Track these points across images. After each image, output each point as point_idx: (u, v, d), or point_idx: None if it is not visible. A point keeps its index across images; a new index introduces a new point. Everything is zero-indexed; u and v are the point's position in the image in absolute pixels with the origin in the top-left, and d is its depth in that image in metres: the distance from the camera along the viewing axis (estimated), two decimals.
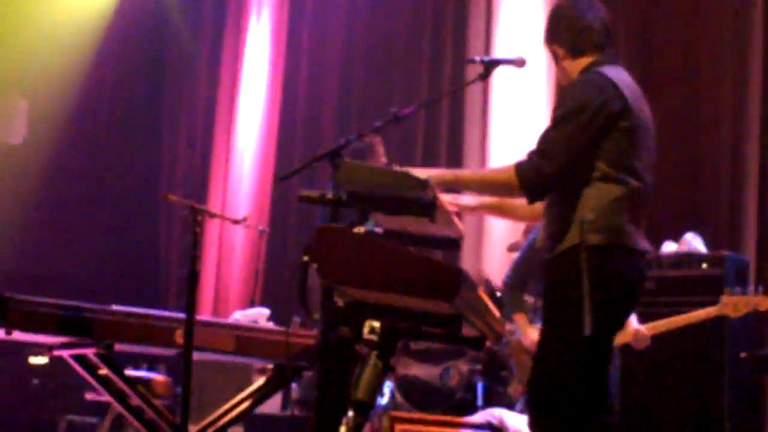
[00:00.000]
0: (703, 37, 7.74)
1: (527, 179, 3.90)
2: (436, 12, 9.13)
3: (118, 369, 5.37)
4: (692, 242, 6.82)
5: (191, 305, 5.25)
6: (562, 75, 4.19)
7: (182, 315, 5.27)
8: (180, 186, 10.38)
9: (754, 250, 7.13)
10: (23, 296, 5.02)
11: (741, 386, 6.41)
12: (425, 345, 7.00)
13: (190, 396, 5.21)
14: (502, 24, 8.46)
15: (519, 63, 4.24)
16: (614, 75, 3.98)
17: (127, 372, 5.72)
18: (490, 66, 4.25)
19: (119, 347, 5.25)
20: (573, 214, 3.89)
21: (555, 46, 4.17)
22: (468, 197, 4.30)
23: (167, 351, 5.77)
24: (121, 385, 5.41)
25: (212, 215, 5.84)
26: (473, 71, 4.35)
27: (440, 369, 6.97)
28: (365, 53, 9.48)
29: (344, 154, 3.85)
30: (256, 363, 6.69)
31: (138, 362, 7.83)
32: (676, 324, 5.90)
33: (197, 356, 5.34)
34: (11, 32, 9.81)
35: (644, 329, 5.77)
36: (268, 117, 9.91)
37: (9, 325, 4.96)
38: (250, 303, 8.47)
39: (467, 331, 3.80)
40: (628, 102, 3.92)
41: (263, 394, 5.88)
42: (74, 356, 5.34)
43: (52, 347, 5.37)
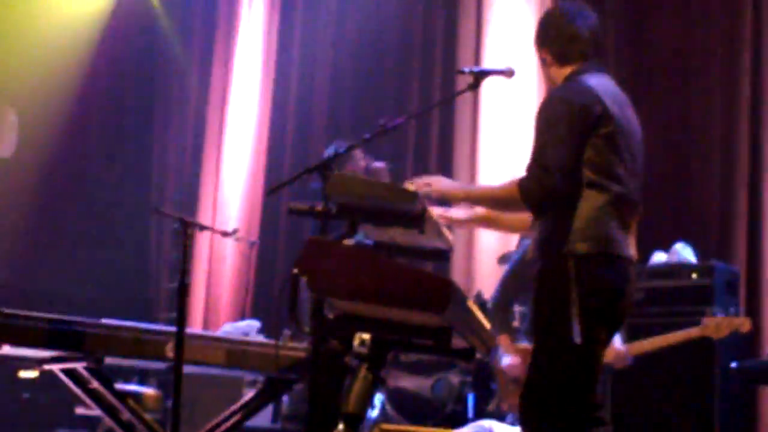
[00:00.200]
0: (693, 44, 7.76)
1: (529, 193, 3.92)
2: (426, 22, 9.14)
3: (109, 383, 5.35)
4: (682, 252, 6.82)
5: (181, 318, 5.23)
6: (549, 80, 4.32)
7: (172, 328, 5.25)
8: (170, 199, 10.36)
9: (744, 261, 7.13)
10: (13, 310, 5.00)
11: (732, 397, 6.41)
12: (416, 357, 6.99)
13: (181, 409, 5.19)
14: (492, 34, 8.47)
15: (508, 74, 4.27)
16: (595, 82, 4.01)
17: (118, 386, 5.70)
18: (480, 77, 4.27)
19: (109, 361, 5.23)
20: (561, 223, 3.90)
21: (543, 52, 4.24)
22: (458, 210, 4.30)
23: (158, 364, 5.75)
24: (112, 399, 5.39)
25: (202, 228, 5.81)
26: (463, 81, 4.37)
27: (431, 381, 6.96)
28: (355, 65, 9.48)
29: (324, 162, 3.85)
30: (247, 376, 6.67)
31: (128, 376, 7.81)
32: (658, 345, 5.88)
33: (188, 369, 5.32)
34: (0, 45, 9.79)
35: (625, 350, 5.74)
36: (258, 129, 9.90)
37: None
38: (241, 316, 8.45)
39: (457, 343, 3.80)
40: (608, 108, 3.94)
41: (254, 407, 5.86)
42: (64, 370, 5.32)
43: (42, 361, 5.34)
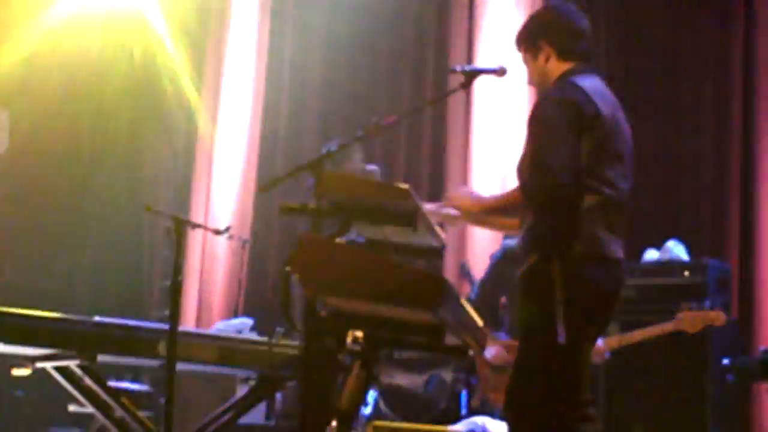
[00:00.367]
0: (685, 44, 7.78)
1: (532, 197, 3.91)
2: (419, 20, 9.15)
3: (101, 380, 5.36)
4: (674, 250, 6.83)
5: (174, 316, 5.23)
6: (537, 76, 4.17)
7: (165, 326, 5.26)
8: (162, 197, 10.34)
9: (737, 258, 7.14)
10: (5, 308, 5.01)
11: (724, 394, 6.42)
12: (409, 354, 7.00)
13: (174, 407, 5.19)
14: (484, 34, 8.47)
15: (500, 72, 4.26)
16: (588, 84, 3.99)
17: (110, 383, 5.71)
18: (472, 75, 4.26)
19: (102, 359, 5.24)
20: (552, 223, 3.89)
21: (543, 43, 4.13)
22: (450, 208, 4.30)
23: (150, 362, 5.76)
24: (105, 397, 5.40)
25: (195, 226, 5.82)
26: (455, 80, 4.36)
27: (424, 378, 6.97)
28: (348, 63, 9.48)
29: (316, 160, 3.85)
30: (240, 373, 6.67)
31: (121, 373, 7.80)
32: (634, 339, 5.89)
33: (180, 367, 5.33)
34: None
35: (601, 344, 5.75)
36: (251, 126, 9.89)
37: None
38: (233, 313, 8.45)
39: (450, 340, 3.80)
40: (600, 109, 3.92)
41: (247, 405, 5.87)
42: (57, 368, 5.33)
43: (35, 359, 5.35)
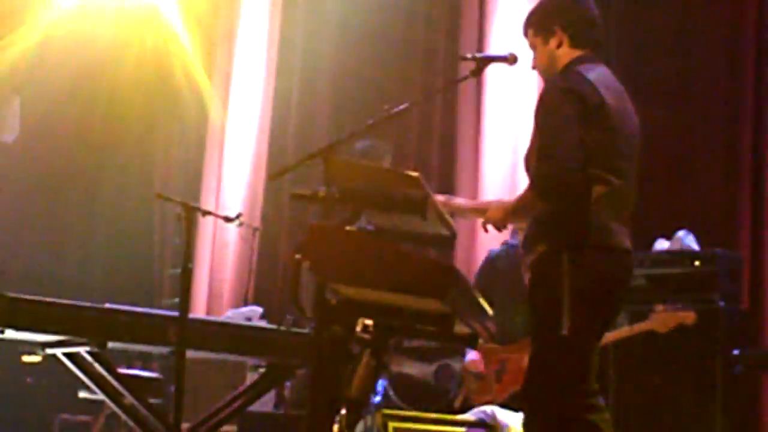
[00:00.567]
0: (696, 32, 7.74)
1: (540, 187, 3.89)
2: (430, 8, 9.13)
3: (112, 367, 5.37)
4: (685, 240, 6.81)
5: (184, 303, 5.24)
6: (546, 60, 4.15)
7: (175, 313, 5.27)
8: (173, 184, 10.35)
9: (748, 248, 7.12)
10: (16, 294, 5.01)
11: (734, 384, 6.41)
12: (418, 343, 7.00)
13: (183, 394, 5.20)
14: (496, 21, 8.44)
15: (511, 60, 4.24)
16: (593, 74, 3.97)
17: (120, 370, 5.72)
18: (482, 63, 4.24)
19: (112, 345, 5.24)
20: (560, 213, 3.89)
21: (557, 28, 4.12)
22: (460, 198, 4.29)
23: (161, 349, 5.77)
24: (115, 384, 5.41)
25: (205, 213, 5.81)
26: (466, 68, 4.34)
27: (434, 367, 6.97)
28: (359, 52, 9.46)
29: (350, 153, 3.86)
30: (249, 361, 6.68)
31: (131, 360, 7.82)
32: (611, 338, 5.86)
33: (190, 354, 5.34)
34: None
35: None
36: (262, 114, 9.88)
37: (2, 324, 4.95)
38: (243, 301, 8.46)
39: (460, 329, 3.80)
40: (604, 99, 3.91)
41: (256, 393, 5.88)
42: (67, 354, 5.33)
43: (46, 345, 5.36)
